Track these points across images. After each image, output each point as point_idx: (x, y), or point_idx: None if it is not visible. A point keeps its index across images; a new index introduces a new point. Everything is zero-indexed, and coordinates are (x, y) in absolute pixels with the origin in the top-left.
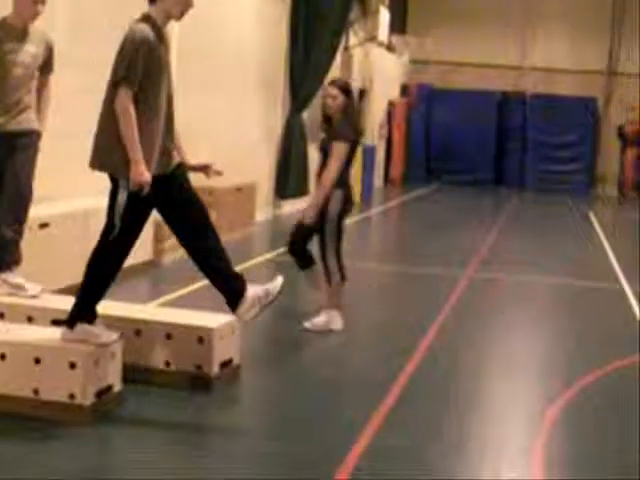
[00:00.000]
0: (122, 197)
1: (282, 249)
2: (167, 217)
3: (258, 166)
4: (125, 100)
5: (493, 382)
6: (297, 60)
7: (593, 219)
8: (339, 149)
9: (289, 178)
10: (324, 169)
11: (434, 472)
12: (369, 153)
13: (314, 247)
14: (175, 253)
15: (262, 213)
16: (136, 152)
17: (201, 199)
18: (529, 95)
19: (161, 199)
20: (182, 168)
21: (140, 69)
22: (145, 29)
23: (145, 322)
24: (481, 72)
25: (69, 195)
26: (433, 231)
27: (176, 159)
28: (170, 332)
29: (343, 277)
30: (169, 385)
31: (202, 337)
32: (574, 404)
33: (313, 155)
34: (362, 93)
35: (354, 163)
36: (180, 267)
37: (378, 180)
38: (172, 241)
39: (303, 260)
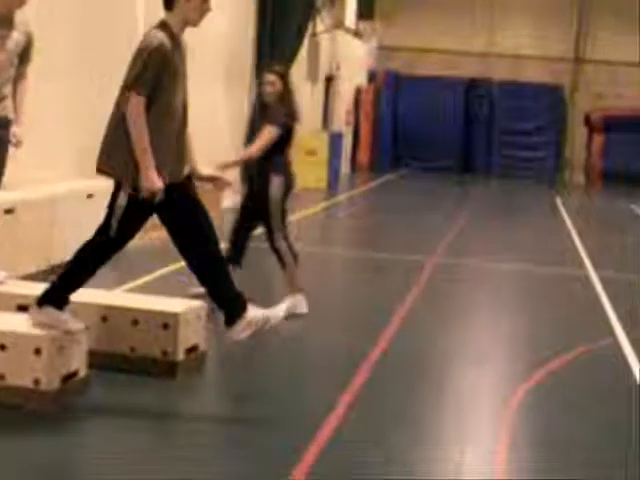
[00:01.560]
0: (122, 200)
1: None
2: (167, 225)
3: (225, 153)
4: (136, 106)
5: (459, 366)
6: (264, 47)
7: (560, 205)
8: (268, 132)
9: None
10: (262, 154)
11: (399, 456)
12: (336, 139)
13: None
14: (142, 239)
15: (229, 199)
16: (146, 159)
17: (207, 212)
18: (496, 82)
19: (164, 206)
20: (191, 178)
21: (152, 75)
22: (160, 35)
23: (111, 308)
24: (448, 59)
25: (33, 181)
26: (399, 217)
27: (187, 168)
28: (136, 318)
29: (295, 257)
30: (135, 371)
31: (167, 323)
32: (540, 388)
33: None
34: (329, 80)
35: (291, 149)
36: (147, 253)
37: (345, 166)
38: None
39: (236, 253)
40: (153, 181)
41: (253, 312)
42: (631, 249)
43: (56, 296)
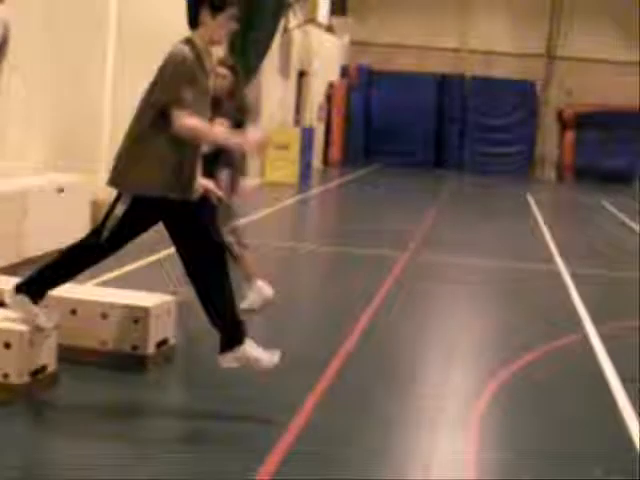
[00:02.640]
0: (119, 210)
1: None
2: (176, 244)
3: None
4: (183, 119)
5: (431, 360)
6: (237, 42)
7: (531, 201)
8: (220, 124)
9: None
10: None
11: (369, 448)
12: (308, 134)
13: None
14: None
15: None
16: (221, 137)
17: (220, 236)
18: (469, 77)
19: (172, 224)
20: (207, 199)
21: (182, 86)
22: (185, 50)
23: (81, 302)
24: (421, 54)
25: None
26: (372, 212)
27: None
28: (106, 312)
29: (244, 248)
30: (105, 365)
31: (138, 317)
32: (510, 384)
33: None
34: (302, 75)
35: None
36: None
37: (317, 161)
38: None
39: None
40: (241, 141)
41: (249, 348)
42: (601, 244)
43: (35, 288)
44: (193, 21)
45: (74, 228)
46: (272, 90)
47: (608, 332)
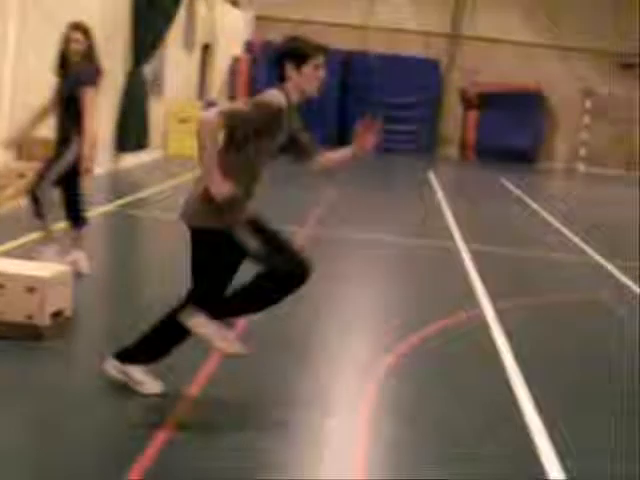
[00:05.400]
0: (253, 243)
1: (121, 201)
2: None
3: (97, 119)
4: (211, 113)
5: (327, 335)
6: (139, 14)
7: (433, 179)
8: (90, 95)
9: (129, 132)
10: (62, 112)
11: (261, 421)
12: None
13: None
14: (13, 202)
15: (102, 166)
16: (208, 163)
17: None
18: (373, 55)
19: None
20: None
21: (247, 121)
22: (282, 100)
23: None
24: (325, 30)
25: None
26: (272, 188)
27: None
28: (1, 282)
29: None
30: (1, 334)
31: (33, 287)
32: (405, 359)
33: (153, 109)
34: (206, 48)
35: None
36: (18, 217)
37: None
38: (10, 191)
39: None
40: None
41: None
42: (500, 222)
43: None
44: (281, 79)
45: None
46: (176, 63)
47: (504, 308)
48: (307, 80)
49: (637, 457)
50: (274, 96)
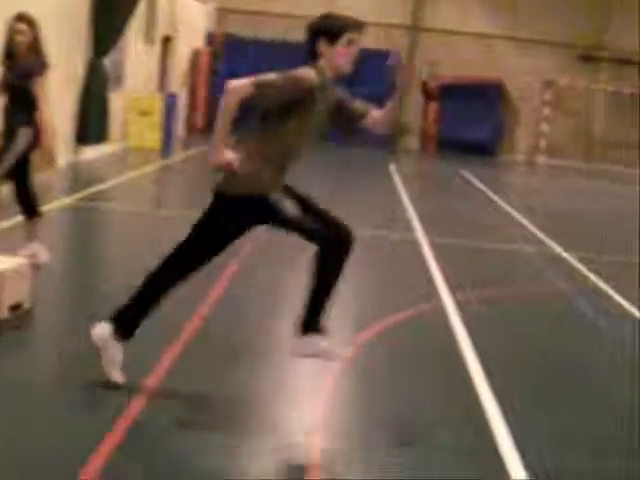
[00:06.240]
0: (290, 207)
1: (82, 193)
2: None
3: (58, 111)
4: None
5: (283, 328)
6: (99, 6)
7: (393, 171)
8: (42, 86)
9: (89, 124)
10: (9, 103)
11: (217, 414)
12: (171, 100)
13: None
14: None
15: (62, 158)
16: (221, 133)
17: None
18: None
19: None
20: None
21: (278, 93)
22: (312, 75)
23: None
24: (288, 22)
25: None
26: None
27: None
28: None
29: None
30: None
31: None
32: (365, 348)
33: (114, 101)
34: (167, 40)
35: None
36: None
37: (180, 128)
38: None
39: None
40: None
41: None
42: (460, 214)
43: None
44: (312, 56)
45: None
46: (136, 56)
47: (463, 300)
48: (340, 56)
49: (598, 449)
50: (305, 72)
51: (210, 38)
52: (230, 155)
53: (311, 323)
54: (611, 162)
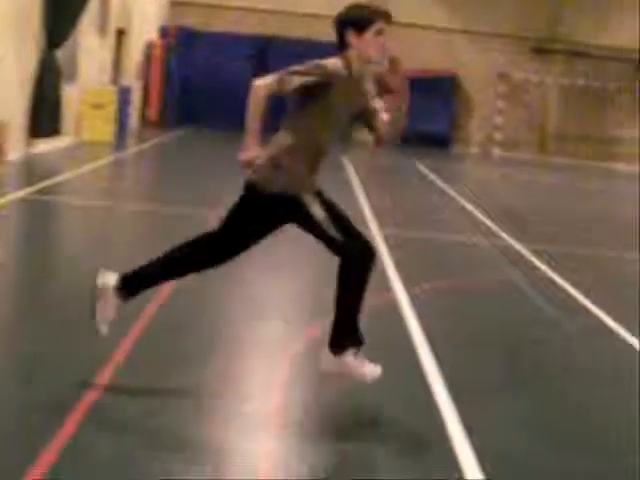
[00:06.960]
0: (319, 212)
1: (34, 187)
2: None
3: (10, 104)
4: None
5: (235, 322)
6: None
7: (347, 164)
8: None
9: (42, 118)
10: None
11: (167, 409)
12: (125, 93)
13: None
14: None
15: (15, 152)
16: (252, 128)
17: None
18: (293, 40)
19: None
20: None
21: (302, 78)
22: (339, 65)
23: None
24: (242, 15)
25: None
26: (184, 173)
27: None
28: None
29: None
30: None
31: None
32: (317, 343)
33: (67, 94)
34: (120, 33)
35: None
36: None
37: (134, 121)
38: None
39: None
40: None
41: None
42: (414, 206)
43: None
44: (341, 45)
45: None
46: (89, 48)
47: (417, 293)
48: (369, 46)
49: (549, 437)
50: (331, 63)
51: (164, 31)
52: (254, 152)
53: (338, 339)
54: (564, 155)
